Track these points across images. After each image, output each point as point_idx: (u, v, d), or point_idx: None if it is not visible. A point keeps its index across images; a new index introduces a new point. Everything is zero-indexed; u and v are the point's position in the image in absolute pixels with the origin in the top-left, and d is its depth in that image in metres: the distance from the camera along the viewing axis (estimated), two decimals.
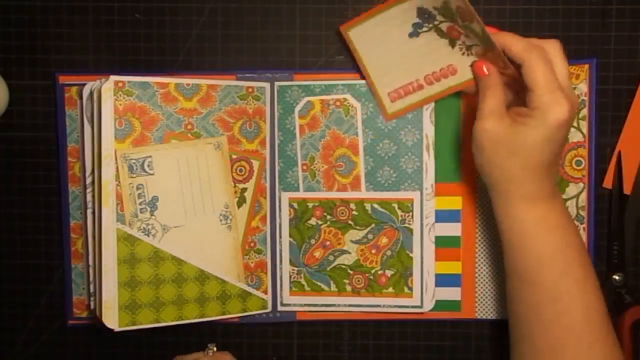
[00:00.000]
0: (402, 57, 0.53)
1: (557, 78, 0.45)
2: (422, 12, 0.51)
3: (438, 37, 0.51)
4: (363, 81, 0.56)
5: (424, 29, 0.51)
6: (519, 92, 0.48)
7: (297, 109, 0.57)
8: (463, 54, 0.51)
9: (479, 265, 0.58)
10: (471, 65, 0.51)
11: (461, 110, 0.57)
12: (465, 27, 0.49)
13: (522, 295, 0.48)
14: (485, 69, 0.49)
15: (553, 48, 0.46)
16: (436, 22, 0.50)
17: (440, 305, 0.58)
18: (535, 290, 0.47)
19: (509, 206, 0.48)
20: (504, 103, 0.48)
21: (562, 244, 0.47)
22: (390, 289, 0.58)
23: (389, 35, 0.53)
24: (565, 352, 0.46)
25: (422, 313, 0.58)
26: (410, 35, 0.52)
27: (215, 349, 0.55)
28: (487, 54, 0.49)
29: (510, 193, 0.47)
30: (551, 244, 0.47)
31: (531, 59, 0.45)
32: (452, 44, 0.51)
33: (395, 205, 0.57)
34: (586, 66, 0.55)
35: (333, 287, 0.58)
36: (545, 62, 0.45)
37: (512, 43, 0.46)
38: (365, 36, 0.53)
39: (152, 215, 0.53)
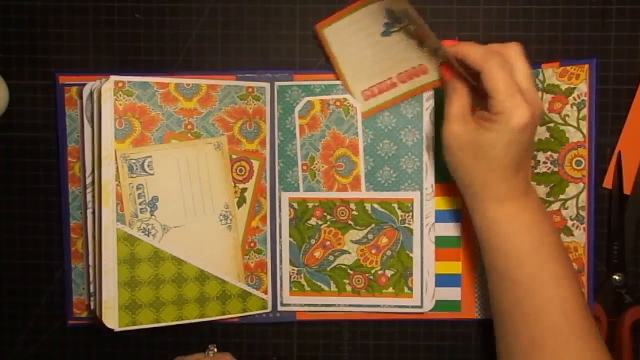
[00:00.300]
0: (375, 56, 0.55)
1: (516, 82, 0.45)
2: (390, 14, 0.52)
3: (408, 37, 0.53)
4: None
5: (395, 28, 0.52)
6: (483, 96, 0.49)
7: (297, 109, 0.57)
8: (431, 55, 0.53)
9: (479, 265, 0.58)
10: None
11: None
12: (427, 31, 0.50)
13: (502, 293, 0.49)
14: (449, 73, 0.49)
15: (513, 52, 0.47)
16: (404, 24, 0.51)
17: (440, 305, 0.58)
18: (514, 288, 0.48)
19: (483, 207, 0.49)
20: (469, 106, 0.49)
21: (537, 241, 0.48)
22: (390, 289, 0.58)
23: (363, 33, 0.54)
24: (546, 347, 0.46)
25: (422, 313, 0.58)
26: (383, 34, 0.53)
27: (215, 350, 0.55)
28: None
29: (482, 194, 0.48)
30: (527, 241, 0.47)
31: (490, 66, 0.45)
32: (421, 44, 0.53)
33: (395, 205, 0.57)
34: (586, 66, 0.55)
35: (333, 287, 0.58)
36: (504, 68, 0.45)
37: (470, 52, 0.46)
38: (340, 34, 0.55)
39: (152, 215, 0.53)
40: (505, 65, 0.45)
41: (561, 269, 0.47)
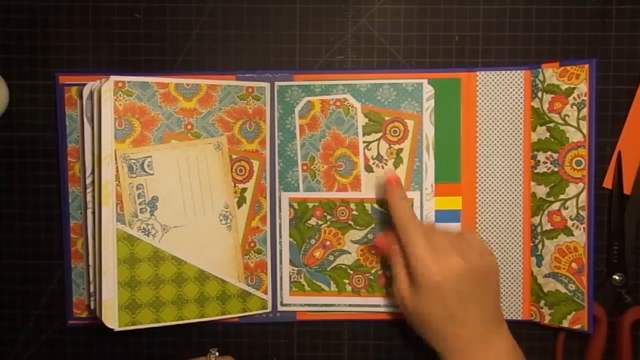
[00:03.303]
0: None
1: (432, 243, 0.50)
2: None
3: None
4: (363, 81, 0.56)
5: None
6: None
7: (297, 109, 0.57)
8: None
9: None
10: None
11: (461, 111, 0.57)
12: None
13: None
14: (383, 243, 0.55)
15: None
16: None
17: None
18: None
19: None
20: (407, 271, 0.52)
21: None
22: (391, 289, 0.58)
23: None
24: None
25: None
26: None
27: (217, 353, 0.55)
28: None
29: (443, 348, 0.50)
30: None
31: (407, 235, 0.51)
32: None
33: None
34: (586, 66, 0.55)
35: (333, 287, 0.58)
36: (418, 233, 0.50)
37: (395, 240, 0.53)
38: None
39: (152, 215, 0.53)
40: (420, 232, 0.50)
41: None
